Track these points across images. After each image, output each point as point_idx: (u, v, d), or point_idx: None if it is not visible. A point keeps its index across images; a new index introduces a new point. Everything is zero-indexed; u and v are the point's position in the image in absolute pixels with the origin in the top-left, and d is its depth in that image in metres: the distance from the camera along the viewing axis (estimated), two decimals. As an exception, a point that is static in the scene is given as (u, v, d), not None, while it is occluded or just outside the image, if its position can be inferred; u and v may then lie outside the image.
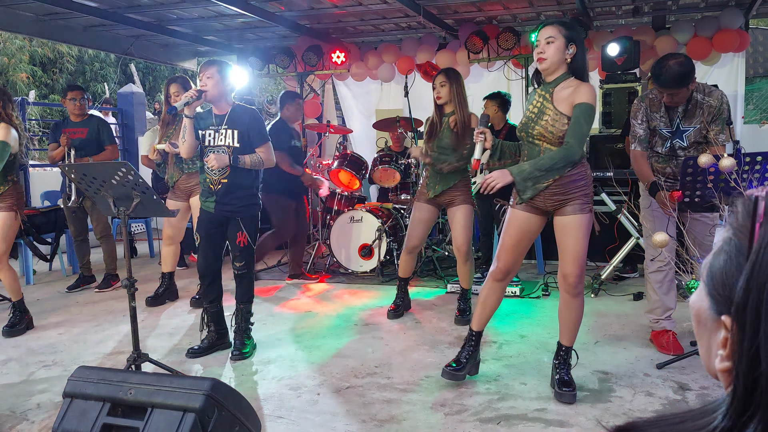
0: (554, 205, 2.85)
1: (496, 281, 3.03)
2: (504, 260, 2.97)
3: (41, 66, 15.27)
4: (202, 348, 3.65)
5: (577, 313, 2.94)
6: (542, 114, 2.80)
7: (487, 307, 3.09)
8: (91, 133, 5.12)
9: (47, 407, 2.97)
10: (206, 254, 3.62)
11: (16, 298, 4.18)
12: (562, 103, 2.75)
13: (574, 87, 2.76)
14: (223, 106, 3.53)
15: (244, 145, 3.51)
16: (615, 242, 5.16)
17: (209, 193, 3.55)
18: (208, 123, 3.54)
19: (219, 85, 3.44)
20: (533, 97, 2.89)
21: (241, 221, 3.54)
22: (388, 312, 4.33)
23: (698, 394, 2.92)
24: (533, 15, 7.05)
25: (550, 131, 2.76)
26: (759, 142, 6.85)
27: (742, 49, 6.54)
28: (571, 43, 2.75)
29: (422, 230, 4.16)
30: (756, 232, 0.56)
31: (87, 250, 5.51)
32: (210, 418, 2.00)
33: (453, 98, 3.92)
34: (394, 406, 2.86)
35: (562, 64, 2.77)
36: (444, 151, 3.97)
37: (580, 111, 2.71)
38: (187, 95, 3.36)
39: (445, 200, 4.05)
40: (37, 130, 11.08)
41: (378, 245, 5.49)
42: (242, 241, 3.54)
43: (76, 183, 3.04)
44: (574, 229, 2.81)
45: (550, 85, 2.81)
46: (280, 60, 7.35)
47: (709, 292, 0.62)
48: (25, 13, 6.60)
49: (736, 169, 2.96)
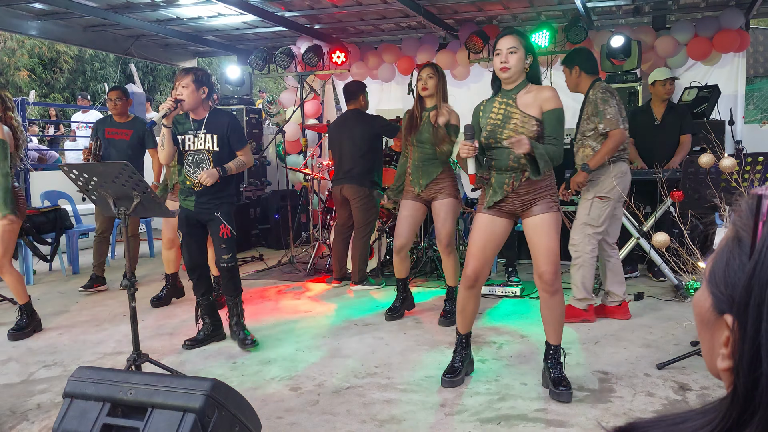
0: (522, 207, 2.92)
1: (467, 289, 3.06)
2: (471, 266, 3.00)
3: (41, 64, 15.27)
4: (197, 339, 3.79)
5: (559, 311, 2.95)
6: (509, 119, 2.88)
7: (468, 314, 3.14)
8: (136, 136, 5.07)
9: (47, 407, 2.97)
10: (190, 249, 3.74)
11: (23, 301, 4.13)
12: (528, 107, 2.86)
13: (535, 91, 2.89)
14: (200, 111, 3.64)
15: (223, 148, 3.63)
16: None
17: (189, 193, 3.68)
18: (186, 128, 3.65)
19: (194, 94, 3.56)
20: (491, 105, 2.96)
21: (220, 215, 3.66)
22: (385, 313, 4.32)
23: (699, 394, 2.92)
24: (533, 15, 7.05)
25: (521, 133, 2.83)
26: (759, 142, 6.85)
27: (742, 49, 6.54)
28: (529, 54, 2.89)
29: (408, 228, 4.14)
30: (759, 230, 0.56)
31: (106, 249, 5.46)
32: (210, 419, 1.99)
33: (437, 93, 3.99)
34: (394, 406, 2.86)
35: (522, 73, 2.90)
36: (422, 145, 4.02)
37: (555, 117, 2.85)
38: (165, 107, 3.47)
39: (430, 195, 4.06)
40: (37, 130, 11.08)
41: (378, 245, 5.49)
42: (225, 232, 3.67)
43: (75, 183, 3.04)
44: (544, 227, 2.86)
45: (511, 92, 2.92)
46: (280, 60, 7.34)
47: (711, 291, 0.62)
48: (26, 13, 6.60)
49: (737, 169, 2.96)
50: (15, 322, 4.13)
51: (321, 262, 6.05)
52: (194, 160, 3.64)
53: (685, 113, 5.24)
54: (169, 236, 4.78)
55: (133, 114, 5.22)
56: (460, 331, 3.18)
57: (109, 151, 5.05)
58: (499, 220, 2.96)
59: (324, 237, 6.06)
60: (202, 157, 3.62)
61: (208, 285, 3.83)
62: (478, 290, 3.10)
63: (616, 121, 3.81)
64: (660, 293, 4.76)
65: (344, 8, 6.51)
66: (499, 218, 2.96)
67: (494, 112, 2.92)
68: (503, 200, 2.92)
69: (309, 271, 5.83)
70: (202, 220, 3.71)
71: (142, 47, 8.11)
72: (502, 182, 2.90)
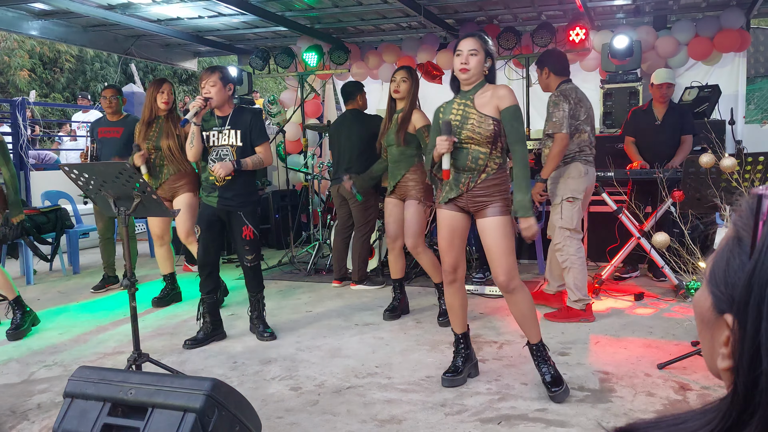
0: (475, 207, 2.96)
1: (450, 284, 3.11)
2: (446, 261, 3.08)
3: (42, 64, 15.27)
4: (198, 339, 3.80)
5: (524, 307, 2.95)
6: (466, 119, 2.92)
7: (457, 310, 3.16)
8: (127, 134, 5.05)
9: (48, 407, 2.97)
10: (206, 245, 3.78)
11: (12, 296, 4.12)
12: (485, 107, 2.91)
13: (491, 90, 2.95)
14: (226, 108, 3.74)
15: (246, 144, 3.72)
16: (616, 242, 5.16)
17: (212, 189, 3.73)
18: (211, 124, 3.74)
19: (222, 92, 3.66)
20: (451, 107, 3.02)
21: (243, 215, 3.72)
22: (384, 313, 4.32)
23: (699, 394, 2.91)
24: (534, 15, 7.05)
25: (478, 132, 2.88)
26: (760, 142, 6.85)
27: (743, 49, 6.54)
28: (489, 57, 2.96)
29: (393, 224, 4.22)
30: (759, 230, 0.56)
31: (112, 249, 5.46)
32: (210, 418, 1.99)
33: (408, 96, 4.07)
34: (394, 406, 2.86)
35: (481, 75, 2.96)
36: (390, 147, 4.13)
37: (510, 115, 2.90)
38: (195, 105, 3.57)
39: (402, 195, 4.14)
40: (38, 130, 11.08)
41: (378, 245, 5.49)
42: (248, 234, 3.74)
43: (75, 183, 3.04)
44: (495, 230, 2.90)
45: (469, 92, 2.97)
46: (281, 60, 7.34)
47: (711, 291, 0.62)
48: (26, 13, 6.60)
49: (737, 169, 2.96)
50: (10, 321, 4.13)
51: (321, 261, 6.05)
52: (218, 155, 3.73)
53: (686, 113, 5.23)
54: (156, 232, 4.77)
55: (126, 113, 5.24)
56: (455, 331, 3.19)
57: (101, 150, 5.07)
58: (458, 214, 3.04)
59: (324, 237, 6.06)
60: (226, 152, 3.70)
61: (215, 283, 3.87)
62: (461, 284, 3.13)
63: (560, 125, 3.94)
64: (660, 293, 4.75)
65: (344, 8, 6.51)
66: (457, 213, 3.04)
67: (453, 113, 2.98)
68: (458, 197, 2.99)
69: (309, 271, 5.84)
70: (224, 217, 3.77)
71: (142, 47, 8.12)
72: (459, 181, 2.96)
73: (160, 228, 4.75)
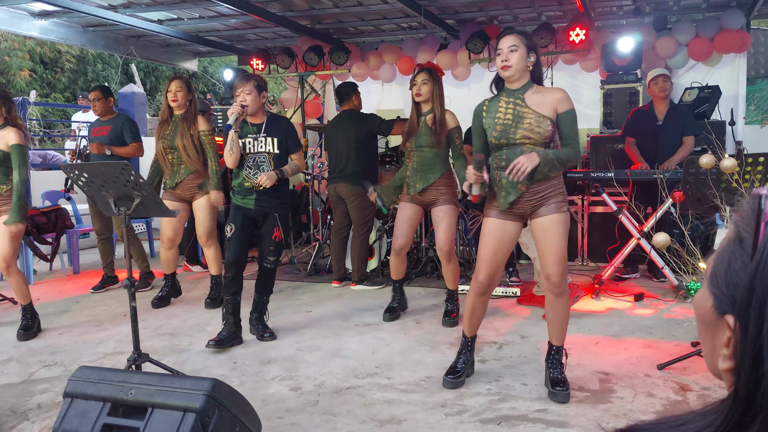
0: (534, 206, 2.90)
1: (479, 295, 3.03)
2: (484, 272, 2.97)
3: (42, 64, 15.27)
4: (223, 339, 3.75)
5: (564, 313, 2.95)
6: (521, 119, 2.84)
7: (476, 318, 3.13)
8: (114, 132, 5.10)
9: (48, 407, 2.97)
10: (237, 245, 3.83)
11: (26, 302, 4.14)
12: (542, 107, 2.83)
13: (545, 92, 2.87)
14: (260, 115, 3.83)
15: (282, 151, 3.84)
16: (616, 243, 5.16)
17: (248, 192, 3.82)
18: (245, 131, 3.82)
19: (257, 99, 3.76)
20: (497, 105, 2.92)
21: (278, 217, 3.84)
22: (384, 314, 4.31)
23: (699, 395, 2.91)
24: (534, 15, 7.05)
25: (537, 132, 2.81)
26: (760, 142, 6.84)
27: (743, 50, 6.54)
28: (532, 52, 2.86)
29: (406, 229, 4.13)
30: (761, 231, 0.56)
31: (111, 249, 5.46)
32: (210, 419, 1.99)
33: (432, 97, 3.98)
34: (394, 406, 2.86)
35: (525, 72, 2.86)
36: (421, 149, 4.01)
37: (571, 118, 2.85)
38: (234, 112, 3.63)
39: (428, 199, 4.05)
40: (38, 129, 11.09)
41: (378, 245, 5.49)
42: (278, 236, 3.85)
43: (76, 183, 3.04)
44: (553, 228, 2.85)
45: (518, 92, 2.88)
46: (281, 60, 7.34)
47: (712, 291, 0.62)
48: (26, 13, 6.60)
49: (737, 170, 2.96)
50: (20, 322, 4.14)
51: (322, 261, 6.05)
52: (255, 162, 3.80)
53: (687, 114, 5.22)
54: (169, 235, 4.75)
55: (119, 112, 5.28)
56: (467, 333, 3.17)
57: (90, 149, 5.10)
58: (510, 223, 2.94)
59: (325, 237, 6.06)
60: (263, 159, 3.81)
61: (239, 284, 3.86)
62: (489, 295, 3.09)
63: None
64: (660, 294, 4.75)
65: (345, 8, 6.51)
66: (510, 222, 2.94)
67: (501, 111, 2.89)
68: (516, 201, 2.88)
69: (309, 271, 5.84)
70: (260, 219, 3.85)
71: (142, 47, 8.12)
72: (517, 182, 2.83)
73: (173, 231, 4.70)
